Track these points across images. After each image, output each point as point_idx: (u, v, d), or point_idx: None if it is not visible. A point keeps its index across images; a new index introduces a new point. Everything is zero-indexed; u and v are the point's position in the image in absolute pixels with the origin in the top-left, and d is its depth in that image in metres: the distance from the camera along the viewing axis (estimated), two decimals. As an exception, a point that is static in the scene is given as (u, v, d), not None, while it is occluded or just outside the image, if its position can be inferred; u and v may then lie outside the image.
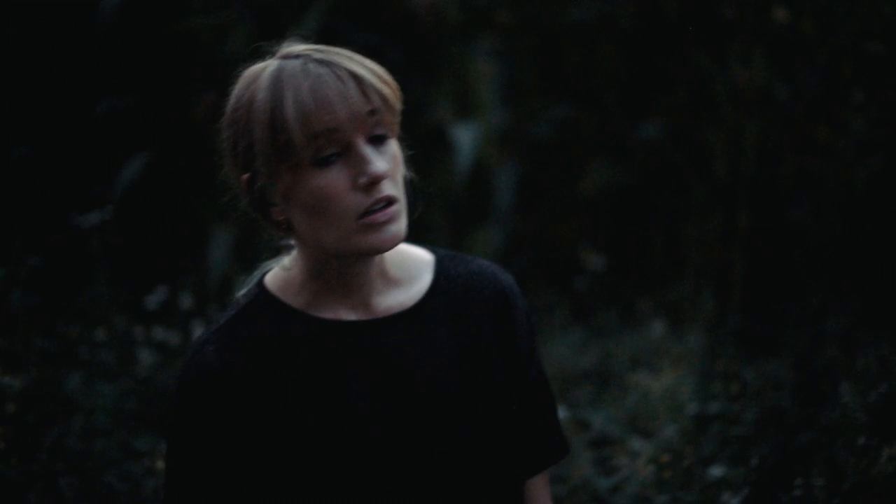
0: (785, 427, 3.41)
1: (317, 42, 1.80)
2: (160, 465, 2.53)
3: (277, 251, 1.89)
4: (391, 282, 1.82)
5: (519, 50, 4.37)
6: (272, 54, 1.77)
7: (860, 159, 4.85)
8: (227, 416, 1.73)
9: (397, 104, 1.73)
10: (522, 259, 4.38)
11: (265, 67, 1.73)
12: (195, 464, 1.74)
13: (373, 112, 1.68)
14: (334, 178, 1.67)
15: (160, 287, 3.44)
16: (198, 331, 3.43)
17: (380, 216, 1.68)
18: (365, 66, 1.71)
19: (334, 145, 1.67)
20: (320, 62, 1.69)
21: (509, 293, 1.88)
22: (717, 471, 2.95)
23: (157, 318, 3.42)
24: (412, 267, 1.86)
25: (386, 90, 1.70)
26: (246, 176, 1.73)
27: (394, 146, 1.73)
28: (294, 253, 1.80)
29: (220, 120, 1.79)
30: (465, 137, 3.91)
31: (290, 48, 1.75)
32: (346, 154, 1.68)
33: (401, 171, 1.74)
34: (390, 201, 1.69)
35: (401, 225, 1.71)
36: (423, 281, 1.85)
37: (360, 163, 1.67)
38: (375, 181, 1.67)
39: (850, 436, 3.23)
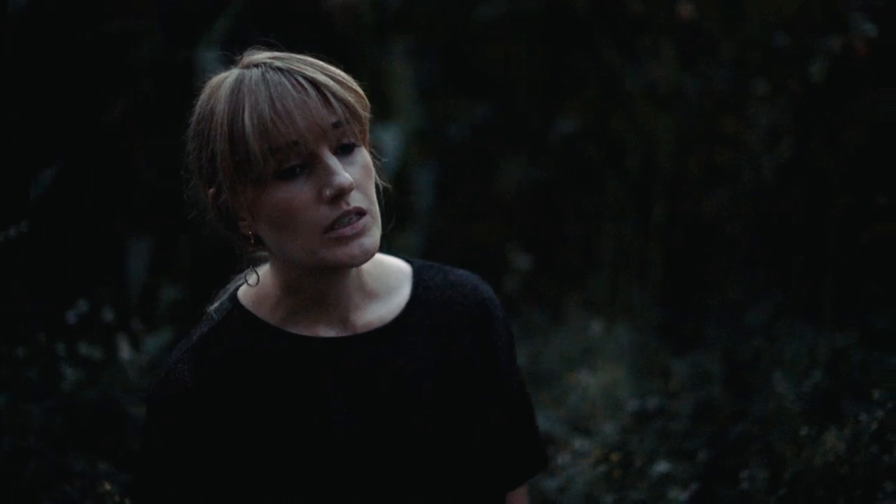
0: (719, 420, 3.44)
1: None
2: (107, 486, 2.45)
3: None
4: (369, 295, 1.77)
5: (432, 50, 4.34)
6: (237, 63, 1.72)
7: (768, 149, 4.92)
8: (203, 436, 1.67)
9: (364, 112, 1.68)
10: (443, 260, 4.34)
11: (226, 77, 1.68)
12: (172, 485, 1.68)
13: (337, 124, 1.62)
14: (299, 191, 1.62)
15: (80, 301, 3.33)
16: (122, 345, 3.34)
17: (347, 230, 1.63)
18: (327, 73, 1.65)
19: (297, 157, 1.62)
20: (279, 70, 1.64)
21: (489, 304, 1.85)
22: (662, 467, 2.95)
23: (79, 332, 3.31)
24: (390, 278, 1.81)
25: (350, 98, 1.65)
26: (211, 190, 1.67)
27: (363, 155, 1.68)
28: (267, 266, 1.75)
29: (185, 130, 1.73)
30: (388, 139, 3.87)
31: (252, 56, 1.69)
32: (311, 165, 1.63)
33: (372, 181, 1.69)
34: (360, 213, 1.63)
35: (372, 237, 1.66)
36: (401, 293, 1.81)
37: (325, 174, 1.62)
38: (341, 193, 1.62)
39: (787, 426, 3.27)
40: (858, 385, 3.58)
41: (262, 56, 1.69)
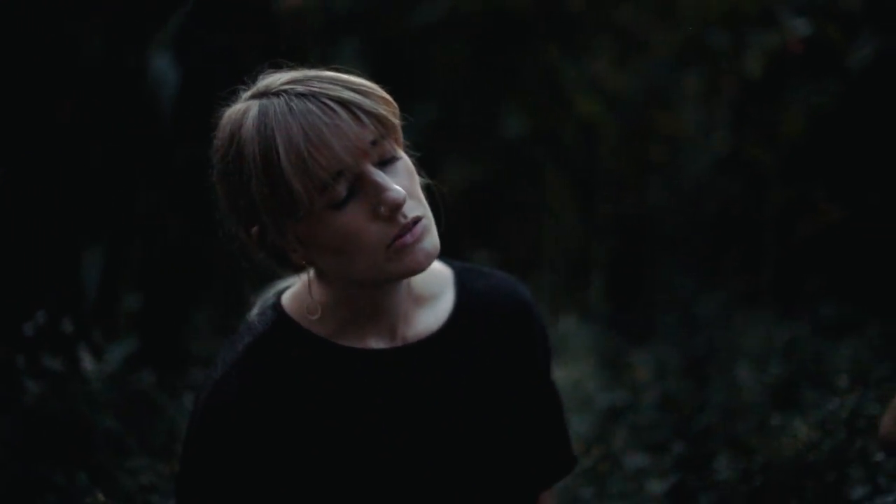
0: (685, 412, 3.50)
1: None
2: (100, 497, 2.41)
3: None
4: (417, 301, 1.74)
5: (378, 51, 4.34)
6: (245, 90, 1.64)
7: (704, 144, 5.01)
8: (250, 449, 1.63)
9: (396, 119, 1.62)
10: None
11: (246, 111, 1.59)
12: (214, 496, 1.64)
13: (374, 142, 1.57)
14: (352, 216, 1.57)
15: (38, 312, 3.27)
16: (84, 355, 3.28)
17: (408, 237, 1.58)
18: (351, 87, 1.59)
19: (344, 184, 1.56)
20: (303, 96, 1.55)
21: (528, 308, 1.83)
22: (640, 460, 2.99)
23: (39, 344, 3.25)
24: (434, 284, 1.77)
25: (381, 109, 1.58)
26: (254, 229, 1.61)
27: (405, 161, 1.63)
28: (311, 278, 1.70)
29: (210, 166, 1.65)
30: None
31: (267, 82, 1.61)
32: (359, 185, 1.57)
33: (417, 183, 1.64)
34: (416, 220, 1.59)
35: (433, 239, 1.62)
36: (446, 299, 1.77)
37: (376, 191, 1.56)
38: (397, 208, 1.57)
39: (752, 415, 3.34)
40: (815, 374, 3.67)
41: (279, 81, 1.60)
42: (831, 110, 4.99)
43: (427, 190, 1.68)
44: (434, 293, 1.77)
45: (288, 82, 1.59)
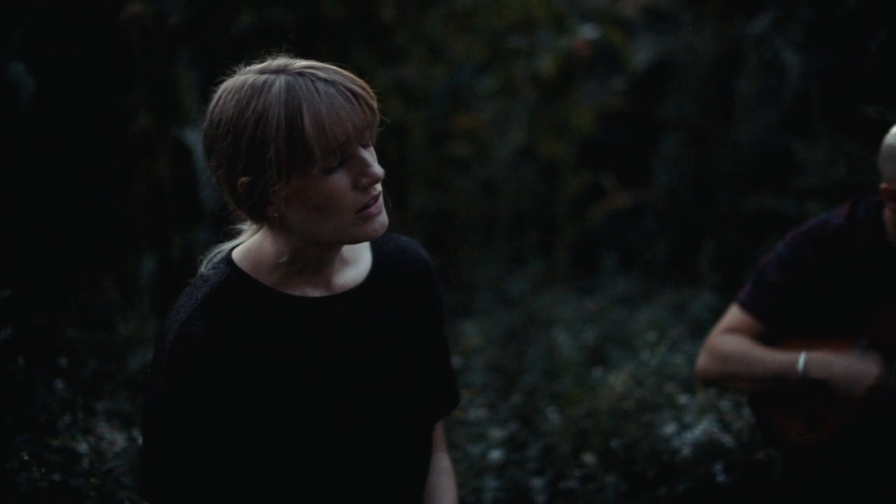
0: (510, 373, 3.93)
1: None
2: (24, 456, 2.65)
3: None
4: (345, 261, 2.08)
5: (207, 57, 4.57)
6: (245, 68, 1.94)
7: (501, 140, 5.46)
8: (213, 384, 1.94)
9: (378, 114, 1.98)
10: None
11: (267, 82, 1.89)
12: (185, 429, 1.95)
13: (369, 126, 1.93)
14: (339, 181, 1.90)
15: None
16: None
17: (373, 209, 1.93)
18: (357, 84, 1.93)
19: (341, 155, 1.90)
20: (326, 81, 1.89)
21: (429, 266, 2.20)
22: (480, 412, 3.39)
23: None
24: (358, 246, 2.13)
25: (374, 104, 1.94)
26: (243, 179, 1.91)
27: (373, 149, 1.98)
28: (260, 236, 2.02)
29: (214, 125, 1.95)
30: (197, 141, 4.04)
31: (281, 63, 1.93)
32: (348, 160, 1.91)
33: None
34: (378, 195, 1.95)
35: (385, 215, 1.96)
36: (365, 259, 2.12)
37: (362, 167, 1.91)
38: (377, 181, 1.92)
39: (571, 374, 3.78)
40: (619, 337, 4.16)
41: (297, 64, 1.92)
42: (616, 107, 5.54)
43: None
44: (356, 254, 2.13)
45: (307, 67, 1.93)
